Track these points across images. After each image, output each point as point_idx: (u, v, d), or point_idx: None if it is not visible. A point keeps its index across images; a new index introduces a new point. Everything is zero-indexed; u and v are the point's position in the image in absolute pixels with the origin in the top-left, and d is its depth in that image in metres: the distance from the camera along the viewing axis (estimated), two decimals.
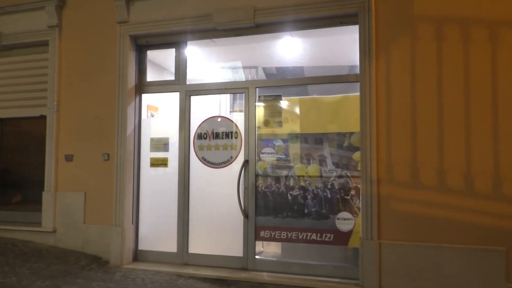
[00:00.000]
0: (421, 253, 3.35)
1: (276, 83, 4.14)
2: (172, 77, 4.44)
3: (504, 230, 3.19)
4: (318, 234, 3.82)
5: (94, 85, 4.52)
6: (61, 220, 4.54)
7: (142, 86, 4.53)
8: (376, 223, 3.47)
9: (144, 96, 4.56)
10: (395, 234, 3.45)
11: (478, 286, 3.21)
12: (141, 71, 4.55)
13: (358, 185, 3.68)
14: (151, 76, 4.63)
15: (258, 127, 4.08)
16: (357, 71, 3.68)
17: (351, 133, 3.79)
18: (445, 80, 3.40)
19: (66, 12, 4.72)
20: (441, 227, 3.34)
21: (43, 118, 4.73)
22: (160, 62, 5.03)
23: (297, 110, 4.01)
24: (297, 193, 3.90)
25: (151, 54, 4.66)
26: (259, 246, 4.26)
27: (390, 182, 3.48)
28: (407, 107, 3.48)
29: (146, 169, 4.48)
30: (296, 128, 3.97)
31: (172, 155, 4.37)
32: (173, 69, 4.44)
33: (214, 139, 4.22)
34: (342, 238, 3.76)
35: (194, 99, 4.37)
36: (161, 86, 4.49)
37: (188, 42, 4.39)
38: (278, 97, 4.05)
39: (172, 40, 4.39)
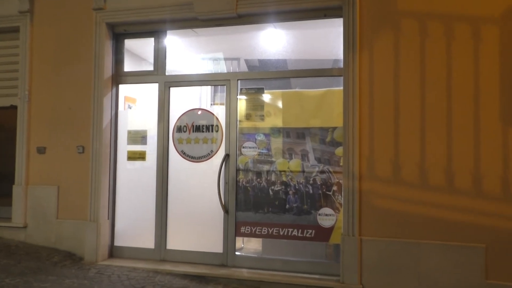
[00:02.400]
0: (401, 249, 3.40)
1: (259, 76, 4.11)
2: (151, 68, 4.38)
3: (485, 227, 3.24)
4: (300, 230, 3.83)
5: (69, 74, 4.42)
6: (32, 215, 4.45)
7: (119, 77, 4.45)
8: (358, 219, 3.50)
9: (121, 87, 4.49)
10: (376, 231, 3.48)
11: (457, 282, 3.27)
12: (118, 60, 4.46)
13: (340, 181, 3.71)
14: (128, 66, 4.56)
15: (240, 121, 4.06)
16: (341, 65, 3.68)
17: (334, 128, 3.81)
18: (428, 76, 3.43)
19: None
20: (421, 223, 3.38)
21: (13, 108, 4.60)
22: (139, 52, 4.97)
23: (279, 103, 4.00)
24: (279, 188, 3.91)
25: (129, 43, 4.58)
26: (240, 242, 4.25)
27: (372, 178, 3.51)
28: (390, 102, 3.50)
29: (123, 163, 4.43)
30: (278, 122, 3.97)
31: (150, 148, 4.33)
32: (151, 60, 4.39)
33: (194, 132, 4.19)
34: (324, 234, 3.78)
35: (174, 91, 4.32)
36: (139, 77, 4.42)
37: (168, 32, 4.33)
38: (261, 90, 4.04)
39: (151, 29, 4.32)
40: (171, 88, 4.28)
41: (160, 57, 4.31)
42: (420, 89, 3.44)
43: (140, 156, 4.35)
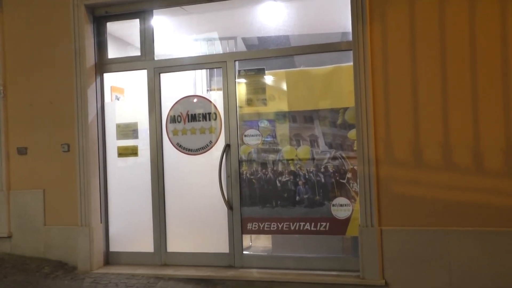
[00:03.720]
0: (427, 239, 3.38)
1: (258, 55, 4.07)
2: (138, 53, 4.34)
3: None
4: (312, 224, 3.83)
5: (47, 65, 4.37)
6: (17, 223, 4.44)
7: (103, 64, 4.41)
8: (376, 208, 3.49)
9: (106, 76, 4.46)
10: (397, 219, 3.46)
11: (494, 273, 3.24)
12: (101, 46, 4.42)
13: (355, 167, 3.69)
14: (113, 52, 4.52)
15: (240, 107, 4.03)
16: (350, 38, 3.64)
17: (345, 109, 3.77)
18: (449, 46, 3.36)
19: None
20: (448, 209, 3.35)
21: None
22: (123, 36, 4.93)
23: (283, 85, 3.98)
24: (287, 179, 3.90)
25: (112, 27, 4.52)
26: (247, 240, 4.27)
27: (390, 162, 3.49)
28: (406, 77, 3.46)
29: (113, 160, 4.41)
30: (283, 106, 3.94)
31: (143, 142, 4.31)
32: (138, 44, 4.34)
33: (190, 122, 4.17)
34: (339, 226, 3.77)
35: (165, 77, 4.30)
36: (125, 63, 4.38)
37: (154, 11, 4.27)
38: (261, 71, 4.00)
39: (135, 8, 4.27)
40: (161, 74, 4.24)
41: (147, 40, 4.27)
42: (440, 61, 3.38)
43: (132, 151, 4.34)
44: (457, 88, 3.35)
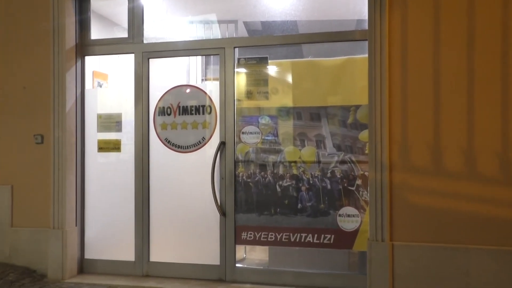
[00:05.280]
0: (444, 257, 3.38)
1: (261, 42, 4.06)
2: (125, 34, 4.34)
3: None
4: (316, 235, 3.82)
5: (21, 45, 4.36)
6: None
7: (85, 46, 4.41)
8: (388, 220, 3.49)
9: (88, 59, 4.48)
10: (411, 234, 3.47)
11: None
12: (83, 26, 4.42)
13: (366, 173, 3.70)
14: (97, 33, 4.52)
15: (238, 100, 4.03)
16: (365, 26, 3.65)
17: (357, 106, 3.77)
18: (478, 37, 3.37)
19: None
20: (469, 224, 3.35)
21: None
22: (109, 15, 4.93)
23: (288, 77, 3.98)
24: (288, 183, 3.90)
25: (96, 4, 4.55)
26: (241, 251, 4.28)
27: (406, 168, 3.49)
28: (428, 72, 3.46)
29: (92, 155, 4.41)
30: (287, 100, 3.94)
31: (127, 136, 4.32)
32: (125, 24, 4.34)
33: (181, 115, 4.16)
34: (346, 239, 3.77)
35: (154, 63, 4.32)
36: (110, 46, 4.38)
37: None
38: (264, 60, 3.99)
39: None
40: (150, 60, 4.24)
41: (136, 20, 4.26)
42: (467, 55, 3.38)
43: (114, 146, 4.33)
44: (486, 85, 3.35)
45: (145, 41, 4.25)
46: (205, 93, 4.12)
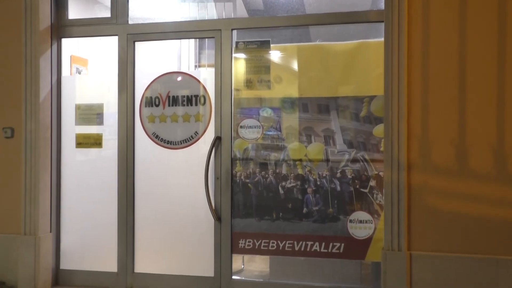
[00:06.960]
0: (469, 269, 3.38)
1: (263, 23, 4.06)
2: (108, 14, 4.33)
3: None
4: (323, 244, 3.83)
5: None
6: None
7: (62, 27, 4.40)
8: (406, 226, 3.50)
9: (65, 42, 4.47)
10: (432, 242, 3.48)
11: None
12: (60, 3, 4.40)
13: (381, 173, 3.71)
14: (75, 12, 4.51)
15: (236, 89, 4.05)
16: (382, 6, 3.67)
17: (371, 98, 3.79)
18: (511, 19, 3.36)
19: None
20: (499, 232, 3.36)
21: None
22: None
23: (293, 64, 3.99)
24: (293, 185, 3.91)
25: None
26: (238, 261, 4.32)
27: (426, 168, 3.50)
28: (453, 59, 3.46)
29: (70, 151, 4.42)
30: (291, 90, 3.95)
31: (109, 130, 4.34)
32: (108, 2, 4.33)
33: (171, 106, 4.17)
34: (357, 248, 3.78)
35: (141, 47, 4.33)
36: (91, 27, 4.36)
37: None
38: (266, 44, 3.99)
39: None
40: (136, 43, 4.25)
41: None
42: (498, 39, 3.37)
43: (95, 141, 4.34)
44: None
45: (130, 22, 4.25)
46: (199, 81, 4.12)
